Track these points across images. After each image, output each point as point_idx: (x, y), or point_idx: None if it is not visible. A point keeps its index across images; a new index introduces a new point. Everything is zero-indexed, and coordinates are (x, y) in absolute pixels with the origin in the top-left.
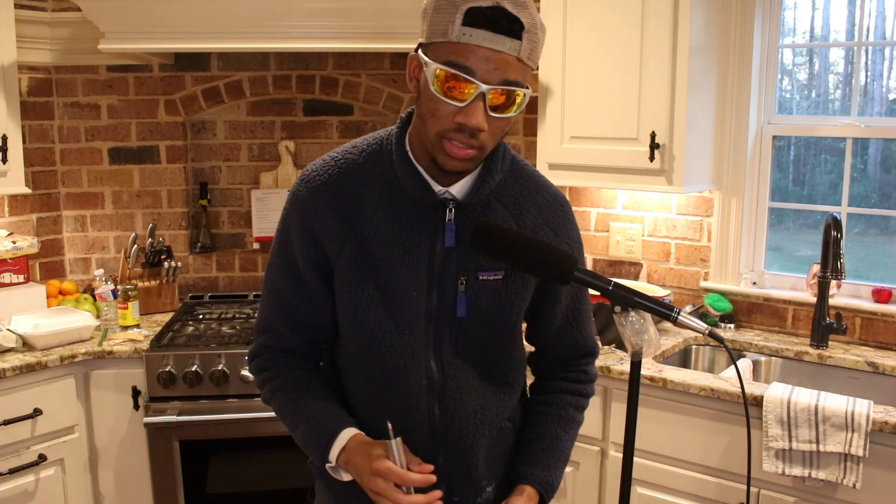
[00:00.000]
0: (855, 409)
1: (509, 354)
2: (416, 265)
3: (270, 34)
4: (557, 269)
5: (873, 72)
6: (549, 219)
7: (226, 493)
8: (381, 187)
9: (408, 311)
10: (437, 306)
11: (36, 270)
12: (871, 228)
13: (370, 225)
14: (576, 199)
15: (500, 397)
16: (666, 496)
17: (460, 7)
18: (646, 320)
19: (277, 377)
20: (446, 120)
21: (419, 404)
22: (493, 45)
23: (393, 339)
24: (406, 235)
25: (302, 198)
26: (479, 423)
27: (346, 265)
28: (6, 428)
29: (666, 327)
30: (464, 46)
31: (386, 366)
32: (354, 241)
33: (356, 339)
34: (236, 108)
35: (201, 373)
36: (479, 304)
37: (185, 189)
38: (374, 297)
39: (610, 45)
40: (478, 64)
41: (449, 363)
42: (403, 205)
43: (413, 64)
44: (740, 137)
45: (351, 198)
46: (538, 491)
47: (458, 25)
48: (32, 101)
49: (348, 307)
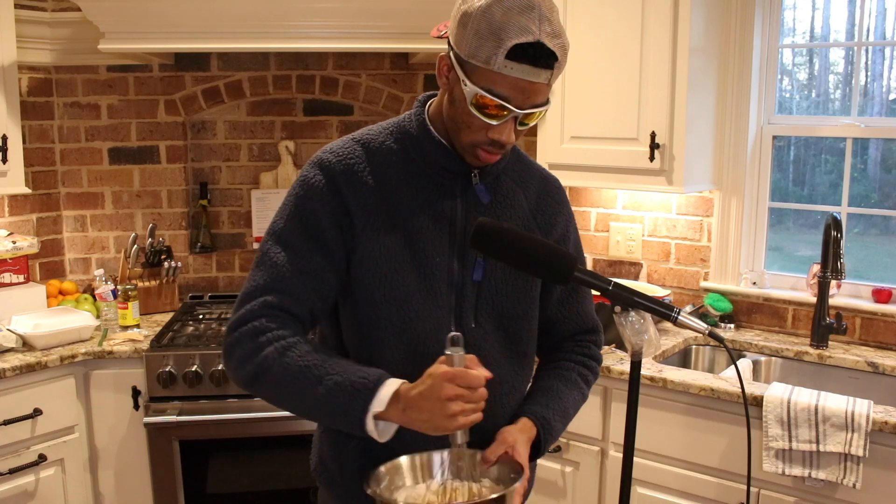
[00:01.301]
0: (855, 409)
1: (528, 324)
2: (441, 232)
3: (270, 34)
4: (557, 269)
5: (873, 72)
6: (549, 190)
7: (226, 493)
8: (405, 163)
9: (432, 276)
10: (459, 272)
11: (36, 270)
12: (871, 228)
13: (395, 196)
14: (576, 199)
15: (519, 368)
16: (666, 496)
17: (505, 43)
18: (646, 320)
19: (286, 338)
20: (480, 134)
21: None
22: (531, 78)
23: (420, 304)
24: (430, 205)
25: (331, 164)
26: (500, 393)
27: (375, 233)
28: (6, 428)
29: (666, 327)
30: (504, 77)
31: (410, 331)
32: (382, 211)
33: (383, 304)
34: (236, 108)
35: (201, 373)
36: (495, 270)
37: (185, 189)
38: (404, 263)
39: (610, 45)
40: (514, 93)
41: (469, 330)
42: (427, 177)
43: (445, 65)
44: (740, 137)
45: (379, 171)
46: (535, 424)
47: (500, 59)
48: (32, 101)
49: (377, 273)
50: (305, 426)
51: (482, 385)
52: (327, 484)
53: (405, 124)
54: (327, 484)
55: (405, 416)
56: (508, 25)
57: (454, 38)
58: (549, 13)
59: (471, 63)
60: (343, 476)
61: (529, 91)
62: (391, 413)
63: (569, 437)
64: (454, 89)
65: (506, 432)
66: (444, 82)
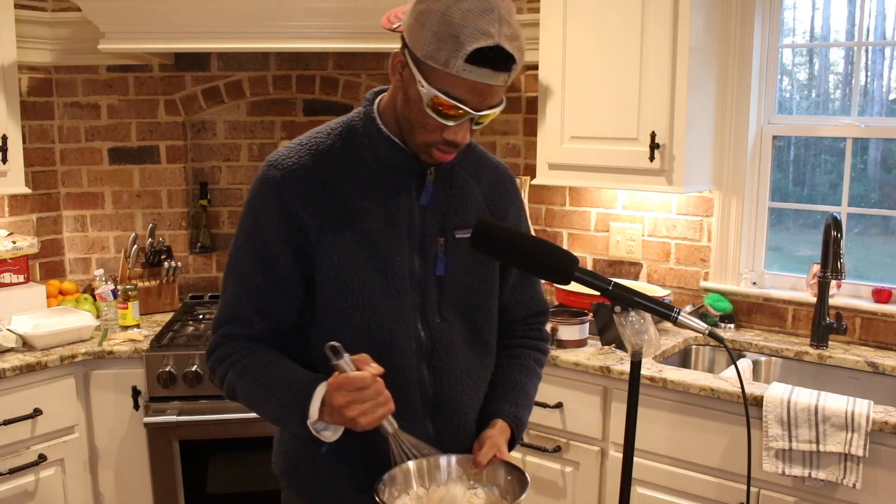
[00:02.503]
0: (855, 409)
1: (490, 313)
2: (399, 231)
3: (270, 34)
4: (557, 268)
5: (873, 72)
6: (501, 180)
7: (226, 493)
8: (356, 164)
9: (395, 276)
10: (421, 269)
11: (36, 270)
12: (871, 228)
13: (351, 199)
14: (576, 199)
15: (483, 358)
16: (666, 496)
17: (465, 47)
18: (646, 320)
19: (241, 360)
20: (435, 134)
21: (410, 370)
22: (489, 81)
23: (385, 305)
24: (386, 204)
25: (276, 179)
26: (467, 385)
27: (333, 240)
28: (6, 428)
29: (666, 327)
30: (463, 80)
31: (378, 334)
32: (338, 216)
33: (348, 310)
34: (236, 108)
35: (201, 373)
36: (457, 263)
37: (185, 189)
38: (365, 266)
39: (610, 46)
40: (471, 96)
41: (435, 326)
42: (380, 176)
43: (399, 62)
44: (740, 137)
45: (329, 176)
46: (509, 425)
47: (460, 62)
48: (32, 101)
49: (338, 280)
50: None
51: (370, 384)
52: (299, 486)
53: (354, 123)
54: (299, 486)
55: (333, 419)
56: (468, 28)
57: (410, 37)
58: (508, 15)
59: (428, 64)
60: (318, 477)
61: (486, 93)
62: (325, 418)
63: (569, 437)
64: (409, 88)
65: (492, 437)
66: (397, 80)
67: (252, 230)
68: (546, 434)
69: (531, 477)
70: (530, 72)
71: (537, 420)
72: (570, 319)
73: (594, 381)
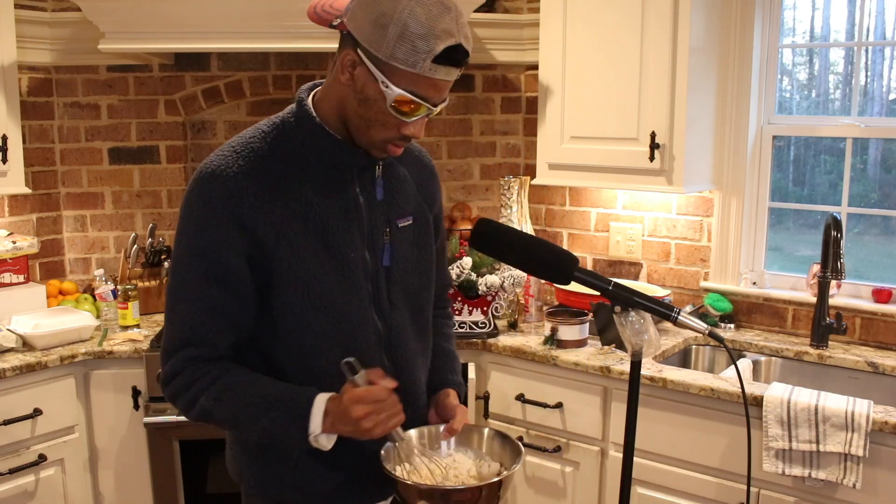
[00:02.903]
0: (855, 409)
1: (429, 295)
2: (350, 227)
3: (270, 34)
4: (558, 268)
5: (873, 72)
6: (425, 164)
7: (226, 493)
8: (300, 165)
9: (351, 273)
10: (371, 262)
11: (36, 270)
12: (871, 228)
13: (300, 201)
14: (576, 198)
15: (426, 338)
16: (666, 496)
17: (434, 48)
18: (646, 320)
19: (214, 382)
20: (393, 130)
21: (373, 361)
22: (449, 78)
23: (344, 303)
24: (335, 202)
25: (219, 193)
26: (420, 367)
27: (289, 245)
28: (6, 428)
29: (666, 327)
30: (428, 79)
31: (341, 331)
32: (291, 220)
33: (309, 313)
34: (236, 108)
35: None
36: (401, 252)
37: (185, 189)
38: (323, 266)
39: (610, 46)
40: (432, 92)
41: (389, 315)
42: (326, 175)
43: (350, 61)
44: (740, 137)
45: (274, 181)
46: (458, 392)
47: (428, 62)
48: (32, 101)
49: (299, 284)
50: None
51: (387, 396)
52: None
53: (289, 123)
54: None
55: (336, 428)
56: (434, 29)
57: (365, 38)
58: (460, 13)
59: (391, 65)
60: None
61: (444, 88)
62: (327, 427)
63: (569, 437)
64: (366, 88)
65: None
66: (347, 79)
67: (199, 246)
68: (546, 434)
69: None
70: (530, 72)
71: (537, 420)
72: (570, 319)
73: (594, 381)
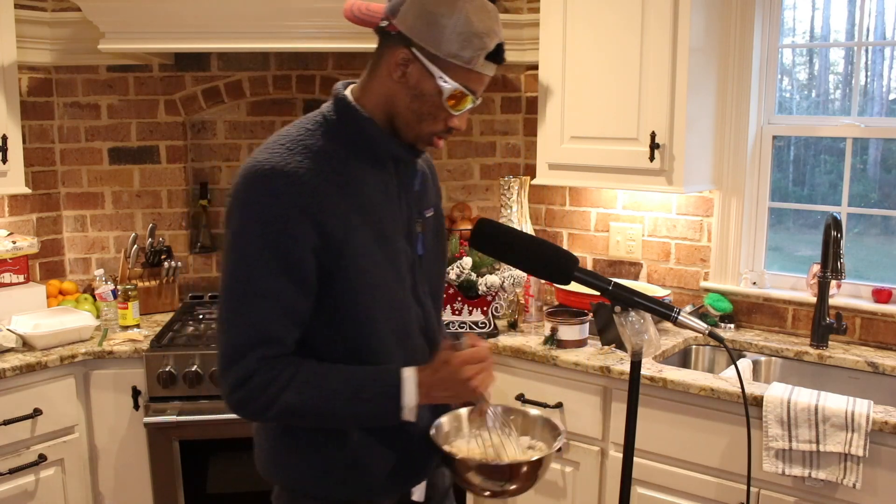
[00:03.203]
0: (855, 409)
1: (443, 279)
2: (396, 218)
3: (270, 34)
4: (558, 268)
5: (873, 72)
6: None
7: (226, 493)
8: (353, 159)
9: (399, 261)
10: (408, 251)
11: (36, 270)
12: (871, 228)
13: (357, 193)
14: (576, 198)
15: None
16: (666, 496)
17: (487, 45)
18: (646, 320)
19: (294, 378)
20: (441, 124)
21: (418, 348)
22: (490, 73)
23: (396, 290)
24: (384, 194)
25: (285, 188)
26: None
27: (355, 236)
28: (6, 428)
29: (666, 327)
30: (478, 75)
31: (393, 318)
32: (353, 211)
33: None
34: (236, 108)
35: (201, 373)
36: (428, 241)
37: (185, 189)
38: (379, 258)
39: (610, 46)
40: (478, 87)
41: (423, 303)
42: (375, 167)
43: (403, 59)
44: (740, 137)
45: (334, 174)
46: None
47: (482, 59)
48: (32, 101)
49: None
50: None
51: (489, 355)
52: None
53: (332, 120)
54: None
55: (428, 397)
56: (485, 29)
57: (422, 36)
58: (497, 13)
59: (449, 61)
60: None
61: (486, 83)
62: (422, 398)
63: (569, 437)
64: (421, 84)
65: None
66: (399, 76)
67: (271, 242)
68: None
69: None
70: (530, 72)
71: None
72: (570, 319)
73: (594, 381)
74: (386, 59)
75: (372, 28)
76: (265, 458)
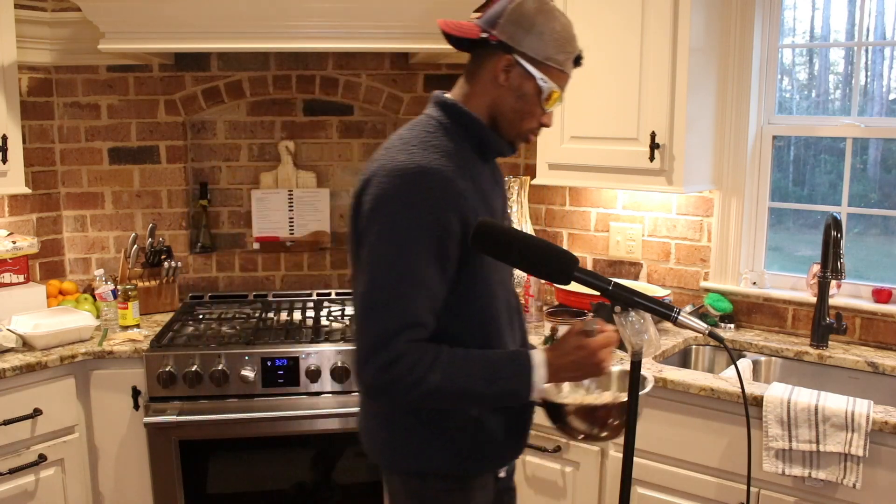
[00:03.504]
0: (855, 409)
1: None
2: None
3: (270, 34)
4: (558, 268)
5: (873, 72)
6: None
7: (226, 494)
8: (472, 159)
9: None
10: None
11: (36, 270)
12: (871, 228)
13: (481, 190)
14: (576, 199)
15: None
16: (666, 496)
17: (575, 51)
18: (646, 320)
19: (438, 359)
20: (536, 121)
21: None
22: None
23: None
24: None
25: (439, 184)
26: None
27: None
28: (6, 428)
29: (666, 327)
30: (566, 76)
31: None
32: (482, 208)
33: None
34: (236, 108)
35: (201, 373)
36: None
37: (185, 189)
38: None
39: (610, 46)
40: (564, 87)
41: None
42: (485, 165)
43: (506, 63)
44: (740, 137)
45: (468, 173)
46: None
47: (571, 63)
48: (32, 101)
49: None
50: (304, 426)
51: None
52: (457, 465)
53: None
54: (457, 465)
55: (556, 377)
56: (572, 38)
57: (522, 43)
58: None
59: (548, 65)
60: (485, 442)
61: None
62: (551, 377)
63: None
64: (523, 86)
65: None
66: (503, 79)
67: (432, 233)
68: (546, 434)
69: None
70: None
71: (537, 420)
72: (570, 319)
73: None
74: (488, 66)
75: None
76: (389, 450)
